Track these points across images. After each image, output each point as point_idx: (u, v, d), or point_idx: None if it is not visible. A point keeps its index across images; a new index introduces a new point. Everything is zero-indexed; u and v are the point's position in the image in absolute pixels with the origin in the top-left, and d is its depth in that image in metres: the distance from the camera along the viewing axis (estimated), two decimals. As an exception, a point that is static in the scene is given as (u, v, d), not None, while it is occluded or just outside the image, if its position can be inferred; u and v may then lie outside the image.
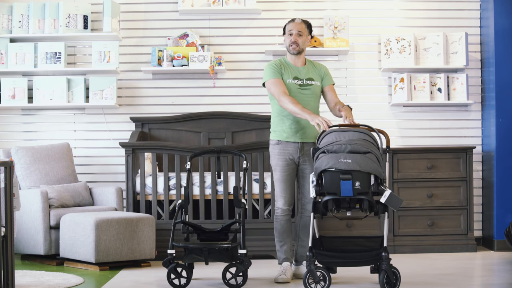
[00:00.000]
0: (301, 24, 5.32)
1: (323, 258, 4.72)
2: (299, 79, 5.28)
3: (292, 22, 5.34)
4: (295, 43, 5.28)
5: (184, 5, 7.00)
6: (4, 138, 7.11)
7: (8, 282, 4.27)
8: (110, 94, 6.91)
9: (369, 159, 4.61)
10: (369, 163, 4.60)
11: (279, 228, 5.28)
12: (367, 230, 6.58)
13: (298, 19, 5.35)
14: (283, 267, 5.24)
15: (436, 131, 7.15)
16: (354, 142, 4.67)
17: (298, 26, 5.31)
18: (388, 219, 4.83)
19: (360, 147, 4.65)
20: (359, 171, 4.58)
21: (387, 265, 4.63)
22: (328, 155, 4.67)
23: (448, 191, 6.69)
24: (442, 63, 6.98)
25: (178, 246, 4.99)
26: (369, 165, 4.60)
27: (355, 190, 4.60)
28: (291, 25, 5.33)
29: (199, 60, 6.90)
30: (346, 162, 4.59)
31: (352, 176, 4.59)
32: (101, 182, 7.08)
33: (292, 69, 5.31)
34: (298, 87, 5.26)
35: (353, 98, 7.15)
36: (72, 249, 5.88)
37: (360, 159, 4.59)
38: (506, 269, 5.78)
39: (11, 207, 4.25)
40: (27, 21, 6.93)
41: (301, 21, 5.34)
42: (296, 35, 5.28)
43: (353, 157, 4.59)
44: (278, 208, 5.28)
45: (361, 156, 4.60)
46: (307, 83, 5.29)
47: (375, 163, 4.62)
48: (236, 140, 7.02)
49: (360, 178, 4.60)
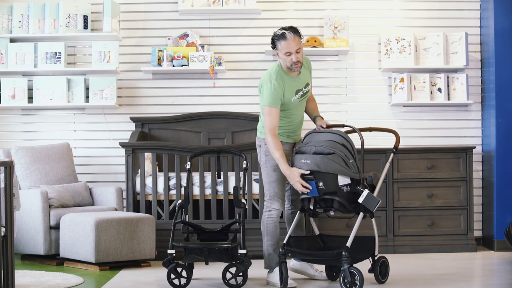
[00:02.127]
0: (295, 38, 4.91)
1: (294, 255, 4.97)
2: (300, 90, 5.07)
3: (285, 41, 4.88)
4: (298, 62, 4.95)
5: (184, 5, 7.00)
6: (4, 138, 7.11)
7: (8, 282, 4.27)
8: (110, 94, 6.91)
9: (330, 160, 4.68)
10: (330, 164, 4.68)
11: (274, 230, 5.11)
12: (367, 230, 6.57)
13: (289, 33, 4.89)
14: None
15: (436, 131, 7.15)
16: (320, 143, 4.77)
17: (294, 43, 4.90)
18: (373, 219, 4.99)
19: (324, 148, 4.73)
20: (319, 171, 4.69)
21: (346, 264, 4.66)
22: (296, 155, 4.84)
23: (448, 191, 6.69)
24: (442, 63, 6.97)
25: (178, 246, 4.99)
26: (329, 166, 4.68)
27: (320, 190, 4.72)
28: (287, 45, 4.89)
29: (199, 60, 6.90)
30: (306, 163, 4.73)
31: (316, 177, 4.71)
32: (101, 182, 7.09)
33: (293, 82, 5.03)
34: (301, 99, 5.10)
35: (353, 98, 7.15)
36: (72, 249, 5.88)
37: (320, 160, 4.69)
38: (506, 269, 5.78)
39: (11, 207, 4.25)
40: (27, 21, 6.93)
41: (293, 35, 4.90)
42: (295, 53, 4.90)
43: (313, 158, 4.71)
44: (274, 209, 5.11)
45: (321, 157, 4.70)
46: (306, 91, 5.12)
47: (338, 164, 4.69)
48: (236, 140, 7.02)
49: (324, 179, 4.71)
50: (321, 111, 5.10)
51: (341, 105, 7.13)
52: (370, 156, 6.67)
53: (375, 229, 5.03)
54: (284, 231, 5.27)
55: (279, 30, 4.98)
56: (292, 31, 4.94)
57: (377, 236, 5.02)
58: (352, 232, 4.79)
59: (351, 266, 4.68)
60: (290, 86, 5.01)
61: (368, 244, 5.01)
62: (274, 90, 4.93)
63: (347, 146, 4.80)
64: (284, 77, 5.00)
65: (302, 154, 4.80)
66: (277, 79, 4.97)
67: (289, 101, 5.02)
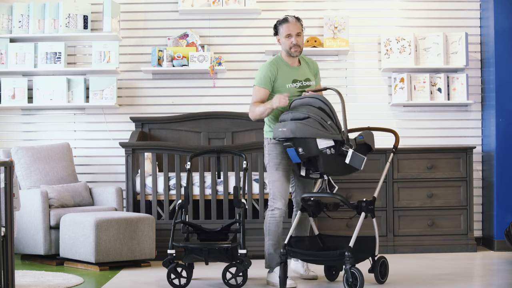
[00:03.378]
0: (297, 23, 5.14)
1: (294, 255, 4.95)
2: (298, 81, 5.15)
3: (286, 23, 5.12)
4: (297, 45, 5.12)
5: (184, 5, 7.00)
6: (4, 138, 7.11)
7: (8, 282, 4.27)
8: (110, 94, 6.91)
9: (305, 124, 4.68)
10: (305, 129, 4.67)
11: (275, 230, 5.11)
12: (367, 230, 6.57)
13: (292, 17, 5.15)
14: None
15: (436, 131, 7.15)
16: (296, 109, 4.79)
17: (295, 26, 5.12)
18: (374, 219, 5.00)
19: (300, 113, 4.74)
20: (296, 137, 4.69)
21: (349, 265, 4.66)
22: (276, 124, 4.89)
23: (448, 191, 6.69)
24: (442, 63, 6.98)
25: (178, 246, 4.99)
26: (304, 131, 4.67)
27: (301, 156, 4.72)
28: (288, 27, 5.12)
29: (199, 60, 6.90)
30: (282, 131, 4.76)
31: (294, 143, 4.72)
32: (101, 182, 7.09)
33: (290, 71, 5.15)
34: (298, 90, 5.14)
35: (353, 98, 7.15)
36: (72, 249, 5.88)
37: (295, 126, 4.69)
38: (506, 269, 5.78)
39: (11, 207, 4.25)
40: (27, 21, 6.93)
41: (295, 20, 5.15)
42: (296, 36, 5.12)
43: (288, 124, 4.73)
44: (276, 209, 5.10)
45: (296, 123, 4.69)
46: (306, 85, 5.17)
47: (314, 128, 4.68)
48: (236, 140, 7.02)
49: (302, 144, 4.71)
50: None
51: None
52: (370, 156, 6.66)
53: (376, 229, 5.03)
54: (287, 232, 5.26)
55: (280, 19, 5.21)
56: (294, 16, 5.18)
57: (377, 236, 5.02)
58: (355, 232, 4.78)
59: (353, 266, 4.68)
60: (286, 73, 5.13)
61: (369, 244, 5.01)
62: (265, 72, 5.09)
63: (324, 108, 4.78)
64: (280, 64, 5.15)
65: (280, 122, 4.85)
66: (271, 63, 5.14)
67: (282, 86, 5.10)
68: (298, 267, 5.38)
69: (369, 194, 5.34)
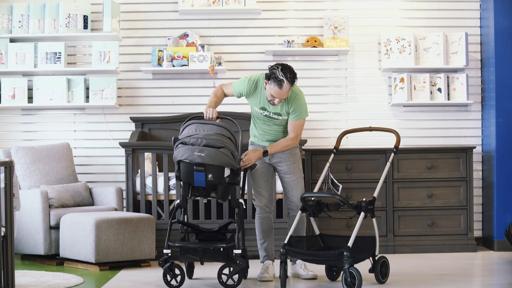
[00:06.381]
0: (288, 90, 5.07)
1: (294, 255, 4.97)
2: (267, 111, 5.27)
3: (279, 88, 5.03)
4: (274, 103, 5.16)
5: (184, 5, 7.00)
6: (4, 138, 7.11)
7: (8, 282, 4.27)
8: (110, 94, 6.91)
9: (222, 153, 4.90)
10: (222, 157, 4.90)
11: (259, 226, 5.40)
12: (367, 230, 6.57)
13: (287, 84, 5.02)
14: (265, 266, 5.33)
15: (436, 131, 7.15)
16: (210, 136, 4.95)
17: (284, 94, 5.08)
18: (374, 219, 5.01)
19: (215, 142, 4.93)
20: (211, 164, 4.88)
21: (347, 264, 4.68)
22: (185, 146, 4.97)
23: (448, 191, 6.69)
24: (442, 63, 6.98)
25: (174, 246, 5.00)
26: (221, 159, 4.89)
27: (208, 182, 4.94)
28: (278, 92, 5.04)
29: (199, 60, 6.90)
30: (200, 156, 4.90)
31: (205, 169, 4.91)
32: (101, 182, 7.09)
33: (263, 100, 5.24)
34: (265, 117, 5.30)
35: (353, 98, 7.15)
36: (72, 249, 5.88)
37: (214, 153, 4.88)
38: (506, 269, 5.78)
39: (11, 207, 4.26)
40: (27, 21, 6.93)
41: (288, 88, 5.04)
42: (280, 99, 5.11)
43: (207, 151, 4.89)
44: (257, 206, 5.40)
45: (214, 151, 4.89)
46: (272, 117, 5.29)
47: (228, 157, 4.92)
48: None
49: (213, 171, 4.91)
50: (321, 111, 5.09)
51: (341, 105, 7.13)
52: (371, 156, 6.67)
53: (376, 229, 5.03)
54: (285, 231, 5.27)
55: (280, 72, 5.04)
56: (290, 82, 5.04)
57: (377, 236, 5.02)
58: (354, 232, 4.79)
59: (351, 266, 4.68)
60: (259, 99, 5.26)
61: (369, 244, 5.01)
62: (242, 86, 5.29)
63: (232, 139, 5.05)
64: (259, 89, 5.25)
65: (192, 146, 4.94)
66: (251, 83, 5.26)
67: (252, 107, 5.33)
68: (296, 269, 5.41)
69: (369, 194, 5.35)
